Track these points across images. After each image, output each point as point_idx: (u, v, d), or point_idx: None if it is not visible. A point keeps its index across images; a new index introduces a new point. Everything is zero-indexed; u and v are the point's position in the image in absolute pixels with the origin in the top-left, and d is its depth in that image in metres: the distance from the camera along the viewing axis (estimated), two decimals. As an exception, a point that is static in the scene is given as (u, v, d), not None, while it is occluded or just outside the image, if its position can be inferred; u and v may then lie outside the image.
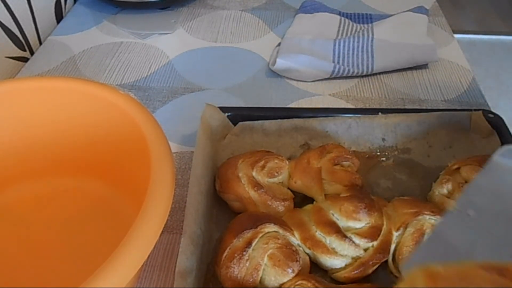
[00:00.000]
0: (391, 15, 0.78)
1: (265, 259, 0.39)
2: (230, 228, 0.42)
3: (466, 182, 0.45)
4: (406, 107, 0.62)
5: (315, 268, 0.42)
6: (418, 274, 0.27)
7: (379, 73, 0.68)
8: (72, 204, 0.48)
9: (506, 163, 0.29)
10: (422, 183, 0.50)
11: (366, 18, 0.79)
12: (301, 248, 0.42)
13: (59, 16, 0.82)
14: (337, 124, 0.53)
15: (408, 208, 0.43)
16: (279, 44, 0.72)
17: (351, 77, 0.67)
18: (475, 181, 0.29)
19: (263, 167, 0.46)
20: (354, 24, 0.77)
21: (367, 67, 0.67)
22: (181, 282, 0.36)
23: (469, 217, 0.27)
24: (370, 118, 0.53)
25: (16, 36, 0.71)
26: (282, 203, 0.45)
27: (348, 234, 0.42)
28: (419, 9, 0.77)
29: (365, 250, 0.42)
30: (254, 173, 0.46)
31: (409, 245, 0.41)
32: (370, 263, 0.41)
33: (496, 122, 0.52)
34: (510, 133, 0.51)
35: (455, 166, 0.47)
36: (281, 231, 0.41)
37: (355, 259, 0.41)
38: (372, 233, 0.42)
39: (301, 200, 0.47)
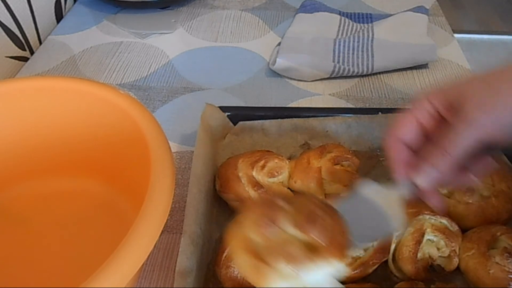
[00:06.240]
0: (391, 15, 0.78)
1: (265, 259, 0.39)
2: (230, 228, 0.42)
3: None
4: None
5: (315, 268, 0.42)
6: None
7: (379, 73, 0.68)
8: (72, 204, 0.48)
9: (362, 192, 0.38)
10: (422, 183, 0.50)
11: (366, 18, 0.79)
12: (301, 248, 0.42)
13: (59, 15, 0.82)
14: (337, 124, 0.53)
15: (408, 207, 0.43)
16: (279, 44, 0.72)
17: (351, 76, 0.67)
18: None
19: (263, 167, 0.46)
20: (354, 24, 0.77)
21: (367, 67, 0.67)
22: (181, 282, 0.36)
23: None
24: (370, 118, 0.53)
25: (16, 35, 0.71)
26: (282, 203, 0.45)
27: (348, 234, 0.42)
28: (419, 9, 0.77)
29: (365, 250, 0.42)
30: (254, 173, 0.46)
31: (409, 245, 0.41)
32: (370, 263, 0.41)
33: (496, 122, 0.52)
34: (510, 133, 0.51)
35: (455, 166, 0.47)
36: (281, 231, 0.41)
37: (355, 259, 0.41)
38: (372, 233, 0.42)
39: (301, 200, 0.47)
